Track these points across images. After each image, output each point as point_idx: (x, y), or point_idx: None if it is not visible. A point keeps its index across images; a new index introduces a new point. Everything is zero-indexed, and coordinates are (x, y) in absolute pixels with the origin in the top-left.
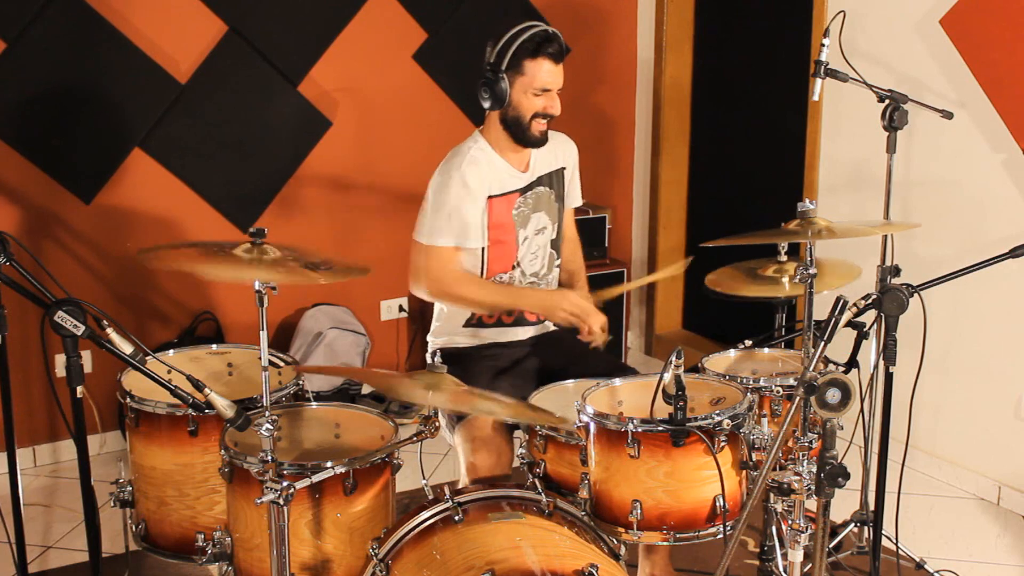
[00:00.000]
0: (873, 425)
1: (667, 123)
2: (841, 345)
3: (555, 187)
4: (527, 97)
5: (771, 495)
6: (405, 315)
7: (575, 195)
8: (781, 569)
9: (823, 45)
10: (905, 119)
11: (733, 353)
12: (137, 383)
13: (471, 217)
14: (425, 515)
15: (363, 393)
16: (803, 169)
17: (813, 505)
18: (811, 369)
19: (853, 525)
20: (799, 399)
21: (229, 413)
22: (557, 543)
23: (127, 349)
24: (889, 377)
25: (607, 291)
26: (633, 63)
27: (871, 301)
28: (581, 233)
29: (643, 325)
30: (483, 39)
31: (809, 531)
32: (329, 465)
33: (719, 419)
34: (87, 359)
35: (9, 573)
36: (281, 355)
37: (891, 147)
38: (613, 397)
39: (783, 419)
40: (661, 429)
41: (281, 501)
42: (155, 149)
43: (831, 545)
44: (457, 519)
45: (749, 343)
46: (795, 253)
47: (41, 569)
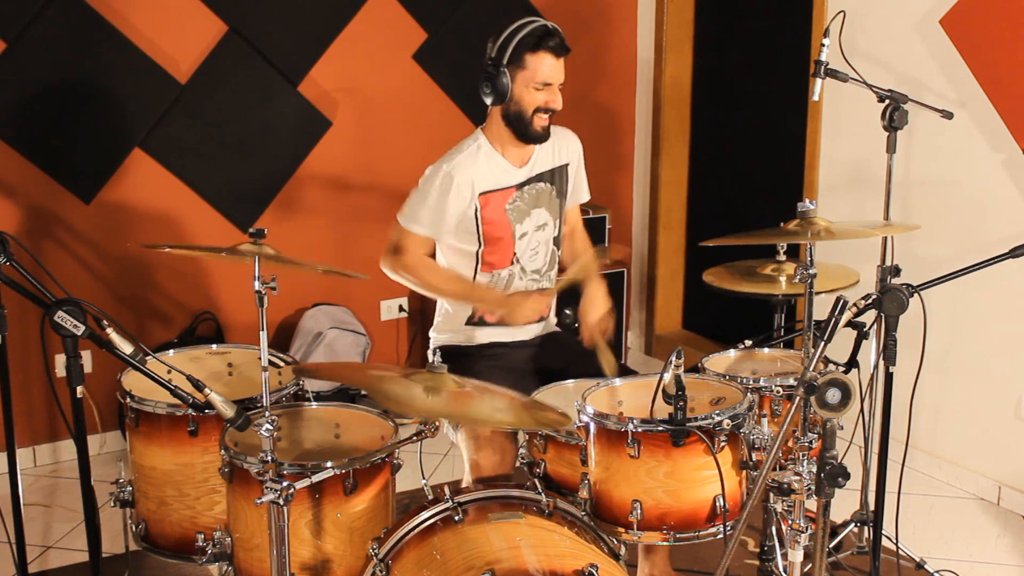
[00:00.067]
0: (873, 425)
1: (667, 123)
2: (841, 345)
3: (556, 183)
4: (528, 91)
5: (771, 495)
6: (405, 315)
7: (582, 189)
8: (781, 569)
9: (823, 45)
10: (905, 119)
11: (733, 353)
12: (137, 383)
13: (450, 213)
14: (425, 515)
15: (363, 393)
16: (803, 169)
17: (813, 505)
18: (811, 369)
19: (853, 525)
20: (799, 399)
21: (229, 413)
22: (557, 543)
23: (127, 349)
24: (889, 377)
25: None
26: (633, 63)
27: (871, 301)
28: None
29: (643, 325)
30: (483, 39)
31: (809, 531)
32: (329, 465)
33: (719, 419)
34: (87, 359)
35: (9, 573)
36: (281, 355)
37: (891, 147)
38: (613, 397)
39: (783, 419)
40: (661, 429)
41: (281, 501)
42: (155, 149)
43: (831, 545)
44: (457, 519)
45: (749, 343)
46: (794, 253)
47: (41, 569)
